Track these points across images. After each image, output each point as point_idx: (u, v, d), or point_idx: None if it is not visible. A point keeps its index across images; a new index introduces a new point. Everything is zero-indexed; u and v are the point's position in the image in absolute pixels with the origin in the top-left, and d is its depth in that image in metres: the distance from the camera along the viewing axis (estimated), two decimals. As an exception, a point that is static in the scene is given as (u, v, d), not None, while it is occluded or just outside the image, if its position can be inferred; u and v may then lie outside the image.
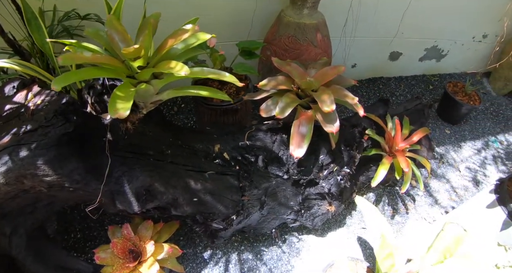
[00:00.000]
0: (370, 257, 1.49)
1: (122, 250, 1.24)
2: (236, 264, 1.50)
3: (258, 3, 1.71)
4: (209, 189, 1.15)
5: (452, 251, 1.00)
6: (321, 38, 1.58)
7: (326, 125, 1.09)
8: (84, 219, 1.59)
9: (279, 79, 1.20)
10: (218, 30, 1.78)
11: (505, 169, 2.12)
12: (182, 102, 1.96)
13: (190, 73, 1.02)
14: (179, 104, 1.96)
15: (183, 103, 1.96)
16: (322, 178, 1.28)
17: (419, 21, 2.08)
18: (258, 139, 1.22)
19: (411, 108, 1.73)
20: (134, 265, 1.24)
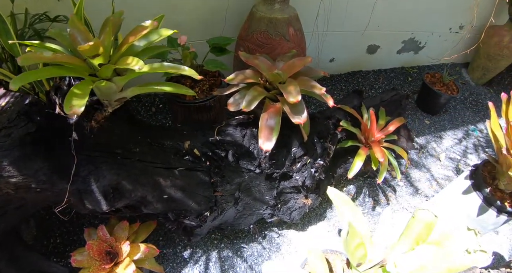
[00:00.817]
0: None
1: (98, 252, 1.22)
2: (217, 262, 1.48)
3: (231, 0, 1.70)
4: (180, 185, 1.13)
5: (424, 237, 0.98)
6: (293, 33, 1.57)
7: (294, 116, 1.07)
8: (63, 224, 1.56)
9: (246, 73, 1.18)
10: (192, 29, 1.78)
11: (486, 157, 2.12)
12: (160, 103, 1.94)
13: (150, 68, 1.01)
14: (157, 104, 1.93)
15: (161, 104, 1.93)
16: (295, 171, 1.26)
17: (394, 13, 2.08)
18: (228, 134, 1.20)
19: (388, 99, 1.71)
20: (111, 267, 1.21)
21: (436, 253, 0.93)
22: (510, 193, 1.29)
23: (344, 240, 0.87)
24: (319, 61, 2.10)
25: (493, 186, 1.27)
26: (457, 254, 0.90)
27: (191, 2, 1.66)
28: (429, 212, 1.01)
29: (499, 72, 2.45)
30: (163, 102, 1.94)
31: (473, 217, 1.29)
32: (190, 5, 1.67)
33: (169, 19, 1.63)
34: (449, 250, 0.91)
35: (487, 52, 2.37)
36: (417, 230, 1.01)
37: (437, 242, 0.94)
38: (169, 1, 1.62)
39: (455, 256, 0.90)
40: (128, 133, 1.16)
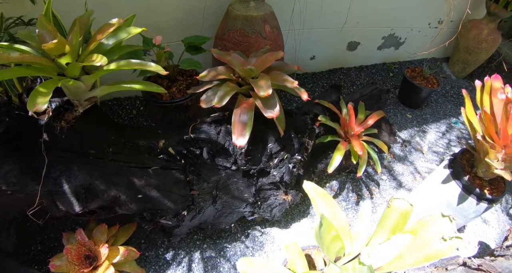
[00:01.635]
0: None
1: (77, 256, 1.19)
2: (199, 262, 1.45)
3: (208, 1, 1.69)
4: (154, 184, 1.11)
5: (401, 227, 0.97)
6: (269, 30, 1.56)
7: (266, 110, 1.06)
8: (44, 231, 1.53)
9: (218, 70, 1.17)
10: (170, 30, 1.76)
11: (467, 148, 2.13)
12: (141, 105, 1.91)
13: (117, 65, 0.99)
14: (138, 107, 1.91)
15: (142, 106, 1.91)
16: (273, 167, 1.25)
17: (373, 10, 2.08)
18: (203, 132, 1.18)
19: (367, 93, 1.71)
20: (89, 270, 1.19)
21: (412, 242, 0.91)
22: (489, 180, 1.29)
23: (317, 233, 0.85)
24: (300, 59, 2.10)
25: (472, 174, 1.26)
26: (434, 242, 0.89)
27: (168, 3, 1.65)
28: (404, 200, 0.99)
29: (479, 65, 2.47)
30: (144, 105, 1.91)
31: (454, 206, 1.28)
32: (167, 6, 1.66)
33: (147, 20, 1.62)
34: (426, 238, 0.90)
35: (466, 46, 2.38)
36: (393, 220, 0.99)
37: (413, 231, 0.92)
38: (146, 3, 1.61)
39: (432, 244, 0.89)
40: (101, 133, 1.13)
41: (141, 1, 1.59)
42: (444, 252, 0.86)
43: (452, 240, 0.86)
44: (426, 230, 0.87)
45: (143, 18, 1.61)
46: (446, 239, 0.86)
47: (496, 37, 2.32)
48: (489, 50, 2.35)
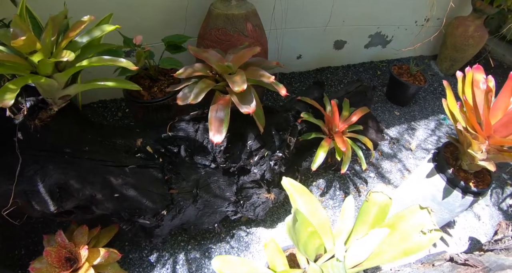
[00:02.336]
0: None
1: (57, 258, 1.16)
2: (184, 264, 1.42)
3: (190, 1, 1.68)
4: (131, 183, 1.08)
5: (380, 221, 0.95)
6: (251, 28, 1.55)
7: (242, 106, 1.04)
8: (29, 235, 1.50)
9: (195, 67, 1.15)
10: (153, 30, 1.75)
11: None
12: (126, 107, 1.89)
13: (89, 62, 0.98)
14: (124, 109, 1.88)
15: (127, 108, 1.89)
16: (253, 165, 1.22)
17: (358, 8, 2.08)
18: (181, 130, 1.16)
19: (352, 90, 1.70)
20: (71, 271, 1.16)
21: (392, 236, 0.89)
22: (475, 173, 1.27)
23: (290, 228, 0.83)
24: (286, 58, 2.09)
25: (457, 167, 1.24)
26: (413, 236, 0.87)
27: (150, 4, 1.64)
28: (382, 194, 0.97)
29: (466, 61, 2.47)
30: (129, 107, 1.90)
31: (439, 200, 1.26)
32: (150, 6, 1.65)
33: (131, 21, 1.61)
34: (405, 232, 0.88)
35: (453, 43, 2.38)
36: (373, 214, 0.97)
37: (392, 224, 0.90)
38: (129, 4, 1.59)
39: (411, 238, 0.86)
40: (77, 132, 1.11)
41: (124, 3, 1.58)
42: (424, 246, 0.84)
43: (431, 233, 0.84)
44: (405, 223, 0.85)
45: (126, 19, 1.61)
46: (425, 232, 0.84)
47: (482, 33, 2.32)
48: (476, 46, 2.35)
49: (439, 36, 2.51)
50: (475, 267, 1.14)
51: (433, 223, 0.83)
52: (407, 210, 0.85)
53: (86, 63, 0.97)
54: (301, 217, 0.89)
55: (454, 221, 1.79)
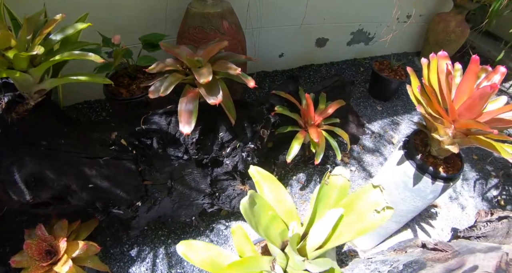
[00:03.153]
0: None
1: (38, 251, 1.21)
2: (164, 258, 1.47)
3: (169, 1, 1.75)
4: (105, 174, 1.14)
5: (339, 203, 0.99)
6: (228, 26, 1.62)
7: (209, 97, 1.10)
8: (14, 233, 1.54)
9: (167, 62, 1.21)
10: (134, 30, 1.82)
11: (441, 139, 2.16)
12: (111, 107, 1.96)
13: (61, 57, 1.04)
14: (108, 109, 1.95)
15: (111, 108, 1.95)
16: (225, 156, 1.28)
17: (339, 6, 2.15)
18: (154, 123, 1.22)
19: (330, 85, 1.75)
20: (48, 264, 1.20)
21: (349, 217, 0.93)
22: (445, 159, 1.30)
23: (246, 210, 0.86)
24: (268, 56, 2.15)
25: (426, 153, 1.27)
26: (368, 215, 0.91)
27: (131, 5, 1.71)
28: (341, 176, 1.02)
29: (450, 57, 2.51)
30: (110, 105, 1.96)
31: (410, 187, 1.29)
32: (131, 7, 1.72)
33: (112, 22, 1.69)
34: (360, 212, 0.92)
35: (435, 39, 2.44)
36: (334, 196, 1.01)
37: (349, 204, 0.94)
38: (110, 5, 1.67)
39: (367, 217, 0.90)
40: (54, 126, 1.17)
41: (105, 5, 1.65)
42: (377, 224, 0.88)
43: (384, 211, 0.88)
44: (360, 203, 0.89)
45: (108, 20, 1.68)
46: (379, 211, 0.88)
47: (464, 28, 2.38)
48: (458, 41, 2.41)
49: (422, 32, 2.58)
50: (445, 252, 1.17)
51: (385, 201, 0.87)
52: (362, 189, 0.89)
53: (58, 58, 1.03)
54: (260, 200, 0.94)
55: (436, 212, 1.83)
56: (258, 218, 0.92)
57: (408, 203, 1.32)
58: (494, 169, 2.14)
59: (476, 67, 1.05)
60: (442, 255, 1.15)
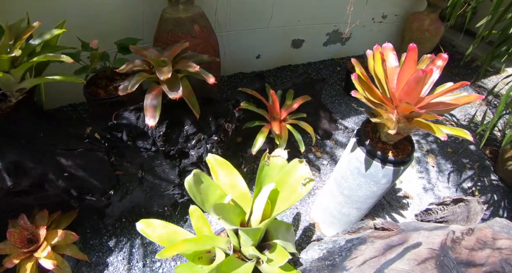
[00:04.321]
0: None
1: (20, 239, 1.37)
2: (140, 248, 1.63)
3: (146, 8, 1.96)
4: (80, 164, 1.31)
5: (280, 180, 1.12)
6: (199, 29, 1.81)
7: (171, 93, 1.28)
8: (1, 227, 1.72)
9: (135, 62, 1.40)
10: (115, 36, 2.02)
11: (419, 132, 2.31)
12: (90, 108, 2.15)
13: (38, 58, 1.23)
14: (91, 111, 2.14)
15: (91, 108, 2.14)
16: (191, 148, 1.45)
17: (312, 7, 2.33)
18: (124, 118, 1.39)
19: (299, 82, 1.93)
20: (29, 251, 1.36)
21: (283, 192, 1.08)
22: (395, 144, 1.44)
23: (191, 187, 1.00)
24: (246, 58, 2.34)
25: (376, 139, 1.42)
26: (297, 188, 1.05)
27: (111, 11, 1.91)
28: (280, 157, 1.17)
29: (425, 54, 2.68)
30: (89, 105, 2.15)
31: (363, 172, 1.42)
32: (111, 14, 1.92)
33: (93, 28, 1.89)
34: (292, 186, 1.06)
35: (410, 37, 2.61)
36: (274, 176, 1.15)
37: (281, 180, 1.08)
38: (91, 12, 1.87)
39: (296, 190, 1.04)
40: (33, 121, 1.36)
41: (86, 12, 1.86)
42: (304, 194, 1.02)
43: (309, 183, 1.02)
44: (291, 178, 1.04)
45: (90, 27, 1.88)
46: (305, 183, 1.03)
47: (438, 26, 2.55)
48: (432, 39, 2.57)
49: (398, 32, 2.76)
50: (390, 230, 1.32)
51: (309, 174, 1.02)
52: (292, 166, 1.04)
53: (36, 59, 1.23)
54: (206, 180, 1.09)
55: (408, 202, 1.97)
56: (205, 195, 1.07)
57: (364, 189, 1.46)
58: (470, 161, 2.27)
59: (414, 55, 1.20)
60: (386, 233, 1.29)
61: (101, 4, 1.85)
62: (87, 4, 1.81)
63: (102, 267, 1.57)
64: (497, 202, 2.11)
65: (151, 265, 1.58)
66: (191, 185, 1.00)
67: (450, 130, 1.18)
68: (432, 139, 2.35)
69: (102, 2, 1.84)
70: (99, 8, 1.87)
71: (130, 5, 1.92)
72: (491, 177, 2.22)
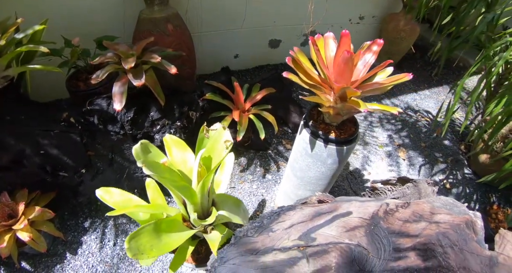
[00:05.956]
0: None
1: (1, 214, 1.62)
2: (112, 228, 1.87)
3: (126, 10, 2.26)
4: (55, 144, 1.58)
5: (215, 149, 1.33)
6: (172, 28, 2.10)
7: (134, 80, 1.55)
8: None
9: (107, 55, 1.68)
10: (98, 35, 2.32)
11: (391, 127, 2.52)
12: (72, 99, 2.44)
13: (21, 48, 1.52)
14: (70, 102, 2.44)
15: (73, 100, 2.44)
16: (156, 132, 1.70)
17: (288, 9, 2.60)
18: (97, 104, 1.67)
19: (268, 77, 2.18)
20: (8, 224, 1.61)
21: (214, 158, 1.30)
22: (339, 126, 1.64)
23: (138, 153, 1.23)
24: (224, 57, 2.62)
25: (320, 121, 1.63)
26: (222, 152, 1.27)
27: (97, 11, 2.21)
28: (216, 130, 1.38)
29: (403, 55, 2.93)
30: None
31: (310, 153, 1.62)
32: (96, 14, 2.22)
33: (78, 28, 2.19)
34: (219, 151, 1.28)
35: (387, 37, 2.86)
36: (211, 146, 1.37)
37: (211, 148, 1.30)
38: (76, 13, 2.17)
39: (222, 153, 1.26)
40: (17, 106, 1.64)
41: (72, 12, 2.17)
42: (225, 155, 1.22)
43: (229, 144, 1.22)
44: (217, 144, 1.27)
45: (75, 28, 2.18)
46: (227, 146, 1.23)
47: (413, 26, 2.79)
48: (408, 39, 2.81)
49: (375, 33, 3.00)
50: (326, 202, 1.51)
51: (230, 138, 1.22)
52: (217, 132, 1.26)
53: (18, 50, 1.51)
54: (155, 150, 1.33)
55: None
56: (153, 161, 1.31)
57: (313, 170, 1.67)
58: (443, 155, 2.46)
59: (348, 40, 1.42)
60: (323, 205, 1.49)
61: (86, 7, 2.16)
62: (72, 7, 2.12)
63: (77, 245, 1.81)
64: (469, 194, 2.28)
65: (121, 244, 1.82)
66: (138, 153, 1.24)
67: (377, 106, 1.40)
68: (405, 134, 2.55)
69: (87, 6, 2.16)
70: (84, 10, 2.18)
71: (112, 7, 2.23)
72: (464, 171, 2.40)
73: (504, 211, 2.10)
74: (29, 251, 1.74)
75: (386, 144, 2.46)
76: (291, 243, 1.02)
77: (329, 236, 1.04)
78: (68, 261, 1.75)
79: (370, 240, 1.02)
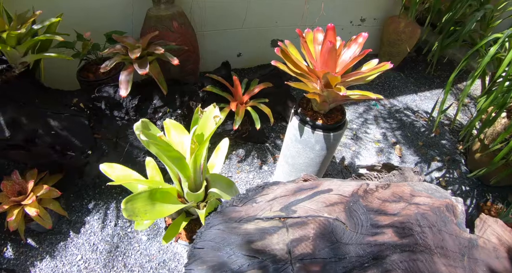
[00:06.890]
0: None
1: (11, 191, 1.82)
2: (114, 210, 2.06)
3: (135, 8, 2.50)
4: (65, 125, 1.79)
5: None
6: (177, 25, 2.31)
7: (139, 69, 1.75)
8: None
9: (116, 47, 1.89)
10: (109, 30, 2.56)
11: (387, 125, 2.66)
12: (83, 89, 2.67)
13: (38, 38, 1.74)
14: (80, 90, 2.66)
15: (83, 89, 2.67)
16: (158, 119, 1.90)
17: (290, 10, 2.80)
18: (105, 92, 1.88)
19: (267, 73, 2.37)
20: (18, 200, 1.81)
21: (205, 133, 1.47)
22: (327, 113, 1.79)
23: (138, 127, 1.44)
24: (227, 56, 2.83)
25: (309, 108, 1.79)
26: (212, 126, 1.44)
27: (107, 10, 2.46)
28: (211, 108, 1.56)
29: (404, 56, 3.09)
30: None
31: (299, 139, 1.77)
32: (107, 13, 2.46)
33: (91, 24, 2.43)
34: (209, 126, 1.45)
35: (388, 39, 3.03)
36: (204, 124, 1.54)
37: (203, 125, 1.47)
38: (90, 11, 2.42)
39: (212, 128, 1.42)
40: (31, 89, 1.86)
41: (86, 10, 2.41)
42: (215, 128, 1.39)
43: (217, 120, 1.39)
44: (209, 121, 1.44)
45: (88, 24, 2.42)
46: (216, 122, 1.40)
47: (414, 28, 2.96)
48: (409, 41, 2.97)
49: (377, 34, 3.18)
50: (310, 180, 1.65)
51: (219, 113, 1.40)
52: (209, 111, 1.44)
53: (36, 38, 1.74)
54: (154, 128, 1.52)
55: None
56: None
57: (303, 156, 1.84)
58: (440, 154, 2.59)
59: (333, 33, 1.60)
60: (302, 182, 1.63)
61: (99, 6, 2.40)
62: (86, 5, 2.37)
63: (80, 225, 2.00)
64: (465, 193, 2.40)
65: (121, 224, 2.00)
66: (139, 126, 1.41)
67: (358, 92, 1.56)
68: (401, 132, 2.69)
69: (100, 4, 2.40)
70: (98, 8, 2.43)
71: (121, 6, 2.47)
72: (462, 169, 2.52)
73: (497, 207, 2.21)
74: (35, 228, 1.93)
75: (382, 140, 2.60)
76: (272, 214, 1.10)
77: (309, 210, 1.11)
78: (72, 239, 1.94)
79: (349, 216, 1.08)
